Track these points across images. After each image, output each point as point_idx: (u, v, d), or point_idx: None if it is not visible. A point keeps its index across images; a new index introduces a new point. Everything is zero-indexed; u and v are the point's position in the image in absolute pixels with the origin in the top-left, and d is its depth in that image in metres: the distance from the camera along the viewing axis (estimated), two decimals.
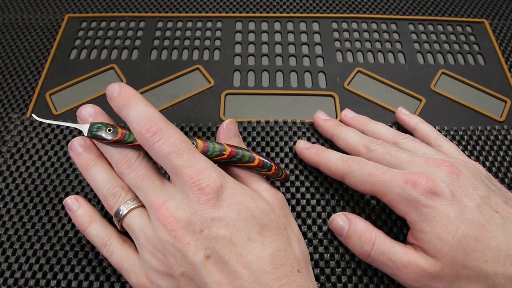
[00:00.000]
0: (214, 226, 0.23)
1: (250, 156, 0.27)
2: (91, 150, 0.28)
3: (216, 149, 0.27)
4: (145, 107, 0.26)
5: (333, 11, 0.47)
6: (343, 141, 0.33)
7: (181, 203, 0.24)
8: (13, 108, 0.38)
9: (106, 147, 0.27)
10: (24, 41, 0.44)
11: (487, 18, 0.47)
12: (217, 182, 0.24)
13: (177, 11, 0.47)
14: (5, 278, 0.28)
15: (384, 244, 0.27)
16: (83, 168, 0.28)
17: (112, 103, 0.27)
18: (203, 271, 0.23)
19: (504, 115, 0.38)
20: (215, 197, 0.24)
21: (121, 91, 0.27)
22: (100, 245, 0.27)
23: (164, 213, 0.24)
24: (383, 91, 0.40)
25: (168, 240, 0.23)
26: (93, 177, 0.27)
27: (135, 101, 0.26)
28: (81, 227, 0.28)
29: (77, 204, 0.28)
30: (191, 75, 0.41)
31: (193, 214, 0.24)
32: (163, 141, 0.24)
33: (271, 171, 0.28)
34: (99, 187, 0.27)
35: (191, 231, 0.23)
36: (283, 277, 0.23)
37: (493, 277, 0.24)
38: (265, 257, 0.23)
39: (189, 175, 0.24)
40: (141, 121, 0.25)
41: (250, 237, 0.23)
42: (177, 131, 0.25)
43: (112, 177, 0.27)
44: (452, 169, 0.27)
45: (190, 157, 0.25)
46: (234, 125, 0.31)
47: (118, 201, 0.26)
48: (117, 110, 0.27)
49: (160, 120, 0.25)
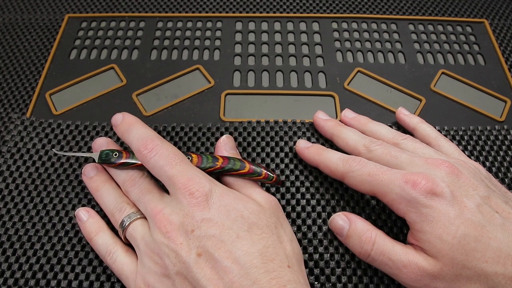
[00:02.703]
0: (204, 226, 0.25)
1: (240, 165, 0.29)
2: (101, 174, 0.31)
3: (209, 160, 0.29)
4: (143, 129, 0.29)
5: (333, 11, 0.47)
6: (343, 141, 0.33)
7: (175, 208, 0.26)
8: (13, 108, 0.38)
9: (115, 170, 0.30)
10: (24, 41, 0.44)
11: (487, 18, 0.47)
12: (206, 187, 0.26)
13: (177, 11, 0.47)
14: (5, 278, 0.28)
15: (384, 244, 0.27)
16: (94, 190, 0.31)
17: (117, 130, 0.30)
18: (195, 268, 0.24)
19: (504, 115, 0.38)
20: (205, 200, 0.26)
21: (124, 119, 0.30)
22: (104, 253, 0.28)
23: (160, 218, 0.26)
24: (383, 91, 0.40)
25: (163, 241, 0.25)
26: (102, 196, 0.30)
27: (135, 125, 0.30)
28: (88, 236, 0.29)
29: (87, 215, 0.30)
30: (191, 75, 0.41)
31: (185, 216, 0.25)
32: (158, 155, 0.27)
33: (261, 176, 0.29)
34: (107, 204, 0.30)
35: (183, 232, 0.25)
36: (272, 272, 0.24)
37: (493, 277, 0.24)
38: (253, 252, 0.24)
39: (181, 182, 0.26)
40: (140, 141, 0.28)
41: (239, 235, 0.25)
42: (171, 146, 0.28)
43: (119, 195, 0.30)
44: (452, 169, 0.27)
45: (182, 168, 0.27)
46: (230, 139, 0.33)
47: (123, 215, 0.28)
48: (121, 135, 0.30)
49: (155, 138, 0.28)
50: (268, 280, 0.23)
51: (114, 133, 0.35)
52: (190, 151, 0.34)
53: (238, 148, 0.35)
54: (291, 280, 0.24)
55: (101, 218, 0.30)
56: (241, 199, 0.27)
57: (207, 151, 0.35)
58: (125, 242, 0.29)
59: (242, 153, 0.35)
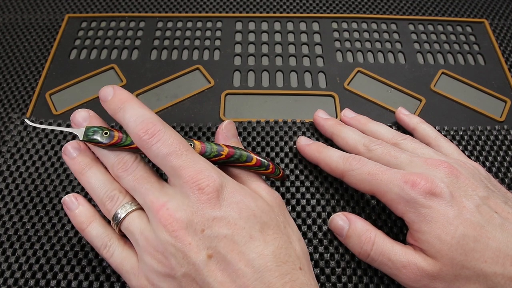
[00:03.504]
0: (216, 226, 0.23)
1: (247, 156, 0.27)
2: (86, 154, 0.27)
3: (213, 149, 0.27)
4: (141, 109, 0.26)
5: (333, 11, 0.47)
6: (343, 140, 0.33)
7: (181, 203, 0.24)
8: (13, 108, 0.38)
9: (102, 151, 0.27)
10: (24, 41, 0.44)
11: (487, 18, 0.47)
12: (217, 181, 0.24)
13: (177, 11, 0.47)
14: (5, 278, 0.28)
15: (383, 244, 0.27)
16: (78, 173, 0.27)
17: (106, 106, 0.27)
18: (205, 271, 0.23)
19: (504, 115, 0.38)
20: (216, 197, 0.24)
21: (115, 94, 0.26)
22: (100, 246, 0.26)
23: (164, 214, 0.24)
24: (383, 91, 0.40)
25: (169, 241, 0.23)
26: (88, 181, 0.27)
27: (130, 103, 0.26)
28: (79, 227, 0.27)
29: (76, 202, 0.28)
30: (191, 75, 0.41)
31: (194, 214, 0.23)
32: (161, 142, 0.24)
33: (268, 170, 0.28)
34: (95, 191, 0.27)
35: (192, 231, 0.23)
36: (286, 275, 0.23)
37: (492, 277, 0.24)
38: (267, 254, 0.23)
39: (188, 175, 0.24)
40: (138, 124, 0.25)
41: (252, 235, 0.23)
42: (175, 133, 0.25)
43: (109, 181, 0.27)
44: (451, 170, 0.27)
45: (189, 158, 0.24)
46: (232, 125, 0.30)
47: (116, 205, 0.26)
48: (112, 113, 0.26)
49: (157, 122, 0.25)
50: (282, 284, 0.22)
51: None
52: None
53: None
54: (304, 283, 0.23)
55: (92, 206, 0.28)
56: (252, 196, 0.25)
57: None
58: (120, 233, 0.27)
59: None
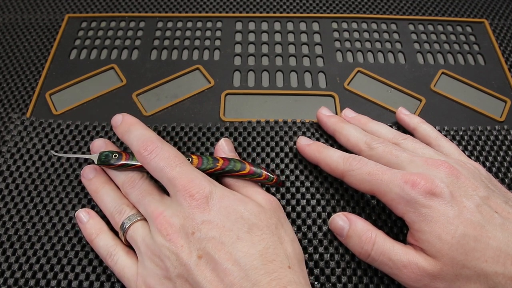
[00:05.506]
0: (205, 228, 0.25)
1: (241, 166, 0.29)
2: (100, 175, 0.31)
3: (209, 162, 0.29)
4: (143, 131, 0.29)
5: (333, 11, 0.47)
6: (345, 137, 0.33)
7: (176, 210, 0.26)
8: (13, 108, 0.38)
9: (114, 172, 0.30)
10: (24, 41, 0.44)
11: (487, 18, 0.47)
12: (206, 189, 0.26)
13: (177, 11, 0.47)
14: (5, 278, 0.28)
15: (384, 244, 0.27)
16: (93, 192, 0.31)
17: (117, 131, 0.31)
18: (196, 271, 0.24)
19: (504, 115, 0.38)
20: (205, 202, 0.26)
21: (123, 120, 0.30)
22: (105, 255, 0.28)
23: (161, 220, 0.26)
24: (383, 91, 0.40)
25: (164, 244, 0.25)
26: (102, 199, 0.30)
27: (134, 126, 0.30)
28: (89, 238, 0.29)
29: (87, 216, 0.30)
30: (191, 75, 0.41)
31: (186, 219, 0.25)
32: (158, 157, 0.27)
33: (262, 177, 0.30)
34: (106, 206, 0.30)
35: (184, 235, 0.25)
36: (273, 273, 0.24)
37: (493, 277, 0.24)
38: (253, 253, 0.24)
39: (181, 184, 0.26)
40: (140, 142, 0.28)
41: (239, 236, 0.25)
42: (171, 148, 0.28)
43: (119, 197, 0.30)
44: (452, 170, 0.27)
45: (182, 169, 0.27)
46: (228, 142, 0.33)
47: (123, 217, 0.28)
48: (121, 136, 0.30)
49: (155, 140, 0.28)
50: (268, 281, 0.23)
51: (114, 134, 0.35)
52: (190, 152, 0.34)
53: (238, 148, 0.35)
54: (292, 281, 0.24)
55: (102, 219, 0.30)
56: (241, 200, 0.27)
57: (207, 151, 0.35)
58: (126, 244, 0.29)
59: (242, 153, 0.35)
